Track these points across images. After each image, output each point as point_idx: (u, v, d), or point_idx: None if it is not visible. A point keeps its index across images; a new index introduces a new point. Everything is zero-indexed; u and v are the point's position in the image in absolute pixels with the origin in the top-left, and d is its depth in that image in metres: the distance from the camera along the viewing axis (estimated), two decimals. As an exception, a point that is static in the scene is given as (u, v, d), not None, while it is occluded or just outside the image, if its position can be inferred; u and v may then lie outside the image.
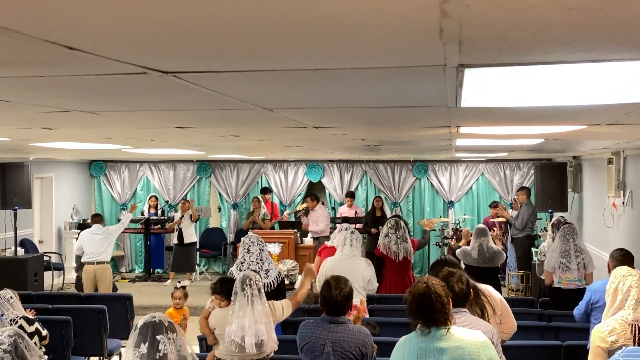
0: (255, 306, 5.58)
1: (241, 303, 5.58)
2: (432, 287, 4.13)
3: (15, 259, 12.24)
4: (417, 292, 4.16)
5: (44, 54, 2.25)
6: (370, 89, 3.30)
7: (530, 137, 7.03)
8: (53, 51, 2.17)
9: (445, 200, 16.61)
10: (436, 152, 12.00)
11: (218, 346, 5.83)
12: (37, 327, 6.58)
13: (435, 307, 4.08)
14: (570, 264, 8.22)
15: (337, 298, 5.05)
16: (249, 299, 5.56)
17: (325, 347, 4.99)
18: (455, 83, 3.01)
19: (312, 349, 5.05)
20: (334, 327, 5.05)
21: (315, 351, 5.03)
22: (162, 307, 10.90)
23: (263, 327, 5.55)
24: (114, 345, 8.66)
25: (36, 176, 14.79)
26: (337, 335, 5.01)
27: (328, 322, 5.08)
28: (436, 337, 4.10)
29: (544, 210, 13.18)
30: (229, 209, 17.24)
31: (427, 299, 4.09)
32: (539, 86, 3.18)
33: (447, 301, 4.16)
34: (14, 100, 3.61)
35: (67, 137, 6.97)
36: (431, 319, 4.11)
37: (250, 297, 5.57)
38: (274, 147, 10.03)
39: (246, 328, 5.52)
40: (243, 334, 5.52)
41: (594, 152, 10.95)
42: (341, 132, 6.50)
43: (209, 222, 17.24)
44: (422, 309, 4.11)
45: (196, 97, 3.58)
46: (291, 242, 13.10)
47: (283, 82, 3.02)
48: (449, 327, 4.12)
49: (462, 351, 4.07)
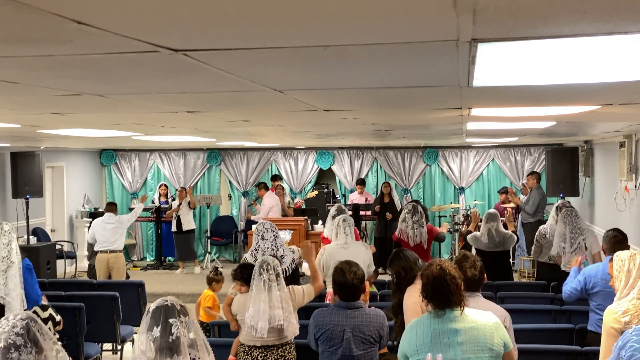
0: (273, 291, 5.57)
1: (258, 288, 5.58)
2: (447, 269, 4.14)
3: (28, 248, 12.26)
4: (432, 274, 4.16)
5: (52, 29, 2.23)
6: (382, 67, 3.27)
7: (542, 119, 6.99)
8: (61, 26, 2.15)
9: (456, 186, 16.57)
10: (447, 137, 11.95)
11: (241, 332, 5.84)
12: (51, 312, 6.60)
13: (450, 289, 4.09)
14: (566, 247, 8.18)
15: (353, 282, 5.04)
16: (265, 283, 5.55)
17: (345, 334, 4.98)
18: (467, 60, 2.98)
19: (331, 336, 5.03)
20: (351, 313, 5.03)
21: (335, 338, 5.01)
22: (173, 294, 10.94)
23: (280, 312, 5.53)
24: (126, 332, 8.69)
25: (47, 165, 14.82)
26: (356, 321, 5.00)
27: (345, 308, 5.07)
28: (450, 319, 4.10)
29: (555, 195, 13.14)
30: (239, 196, 17.25)
31: (442, 281, 4.11)
32: (552, 63, 3.14)
33: (461, 283, 4.17)
34: (23, 82, 3.60)
35: (77, 123, 6.96)
36: (446, 300, 4.11)
37: (267, 281, 5.56)
38: (284, 133, 10.00)
39: (260, 312, 5.51)
40: (258, 319, 5.52)
41: (606, 135, 10.89)
42: (352, 116, 6.46)
43: (220, 210, 17.26)
44: (438, 291, 4.12)
45: (206, 78, 3.56)
46: (302, 229, 13.11)
47: (294, 60, 3.00)
48: (462, 308, 4.12)
49: (476, 332, 4.07)
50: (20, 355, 3.53)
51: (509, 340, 4.18)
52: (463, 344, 4.04)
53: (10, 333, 3.53)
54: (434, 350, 4.08)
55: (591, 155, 13.22)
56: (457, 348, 4.05)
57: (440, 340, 4.09)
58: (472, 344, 4.05)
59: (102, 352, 8.51)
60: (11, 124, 6.81)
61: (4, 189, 13.29)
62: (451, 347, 4.06)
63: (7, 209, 13.34)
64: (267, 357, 5.65)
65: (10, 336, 3.52)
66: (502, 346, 4.10)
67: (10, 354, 3.51)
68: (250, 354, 5.69)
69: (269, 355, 5.66)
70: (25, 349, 3.54)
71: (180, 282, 14.02)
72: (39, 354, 3.61)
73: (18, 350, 3.53)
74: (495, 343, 4.07)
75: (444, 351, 4.06)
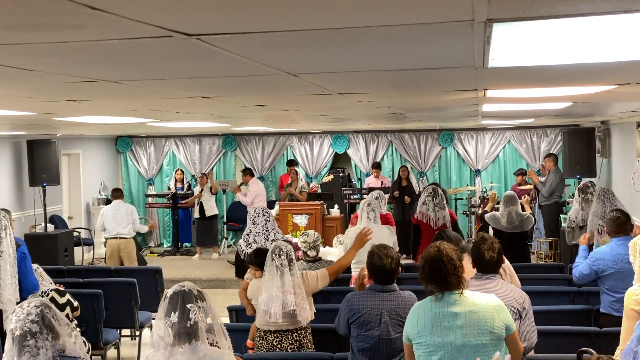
0: (285, 276, 5.58)
1: (271, 273, 5.59)
2: (444, 251, 4.11)
3: (46, 235, 12.36)
4: (429, 256, 4.16)
5: (66, 15, 2.23)
6: (396, 49, 3.25)
7: (558, 100, 6.94)
8: (75, 11, 2.15)
9: (472, 169, 16.51)
10: (462, 120, 11.90)
11: (257, 316, 5.86)
12: (69, 298, 6.63)
13: (447, 270, 4.07)
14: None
15: (391, 265, 5.03)
16: (278, 269, 5.56)
17: (382, 317, 4.98)
18: (483, 40, 2.95)
19: (367, 320, 5.03)
20: (387, 296, 5.03)
21: (372, 322, 5.01)
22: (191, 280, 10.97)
23: (292, 297, 5.54)
24: (144, 318, 8.73)
25: (64, 152, 14.88)
26: (392, 304, 5.00)
27: (380, 292, 5.06)
28: (450, 302, 4.09)
29: (572, 176, 13.07)
30: (255, 182, 17.25)
31: (439, 263, 4.08)
32: (568, 42, 3.12)
33: (460, 265, 4.14)
34: (38, 69, 3.60)
35: (92, 110, 6.97)
36: (444, 282, 4.09)
37: (279, 267, 5.57)
38: (299, 117, 9.99)
39: (273, 297, 5.53)
40: (271, 304, 5.54)
41: (623, 115, 10.80)
42: (367, 99, 6.45)
43: (236, 196, 17.27)
44: (435, 273, 4.10)
45: (220, 63, 3.55)
46: (318, 214, 13.12)
47: (308, 43, 2.99)
48: (461, 291, 4.10)
49: (476, 315, 4.05)
50: (37, 342, 3.56)
51: (511, 322, 4.15)
52: (463, 327, 4.03)
53: (25, 321, 3.56)
54: (434, 334, 4.08)
55: (608, 135, 13.14)
56: (457, 332, 4.04)
57: (441, 324, 4.08)
58: (472, 328, 4.03)
59: (120, 338, 8.55)
60: (27, 112, 6.83)
61: (21, 177, 13.36)
62: (451, 330, 4.05)
63: (25, 197, 13.41)
64: (282, 341, 5.68)
65: (26, 324, 3.55)
66: (503, 329, 4.07)
67: (26, 341, 3.54)
68: (266, 338, 5.72)
69: (283, 339, 5.68)
70: (41, 335, 3.57)
71: (198, 268, 14.07)
72: (56, 340, 3.64)
73: (34, 337, 3.56)
74: (496, 326, 4.05)
75: (444, 335, 4.06)
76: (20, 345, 3.54)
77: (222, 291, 12.10)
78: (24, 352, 3.53)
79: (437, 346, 4.06)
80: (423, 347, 4.13)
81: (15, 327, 3.54)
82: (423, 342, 4.12)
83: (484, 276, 4.76)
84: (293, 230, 12.89)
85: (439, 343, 4.06)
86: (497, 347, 4.07)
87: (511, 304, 4.58)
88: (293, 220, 13.37)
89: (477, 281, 4.73)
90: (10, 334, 3.56)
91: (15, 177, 13.28)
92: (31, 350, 3.54)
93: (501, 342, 4.08)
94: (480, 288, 4.40)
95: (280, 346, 5.67)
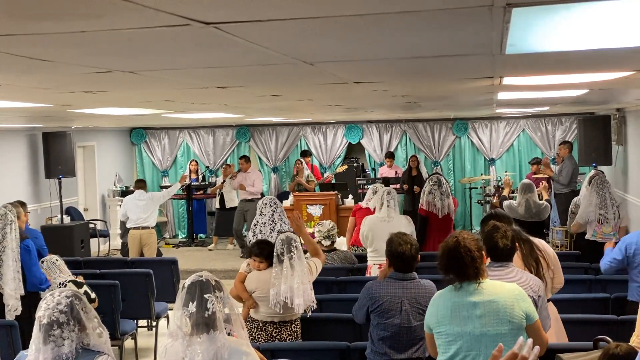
0: (301, 267, 5.61)
1: (286, 265, 5.61)
2: (462, 242, 4.10)
3: (62, 227, 12.42)
4: (447, 247, 4.15)
5: (83, 4, 2.23)
6: (413, 36, 3.24)
7: (575, 87, 6.91)
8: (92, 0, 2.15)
9: (486, 158, 16.47)
10: (476, 108, 11.86)
11: (258, 309, 5.87)
12: (86, 289, 6.67)
13: (464, 261, 4.06)
14: (608, 214, 8.13)
15: (411, 252, 5.03)
16: (295, 260, 5.58)
17: (403, 305, 4.99)
18: (501, 26, 2.93)
19: (388, 308, 5.04)
20: (407, 284, 5.04)
21: (393, 310, 5.02)
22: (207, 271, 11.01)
23: (309, 287, 5.60)
24: (161, 308, 8.77)
25: (79, 145, 14.94)
26: (412, 292, 5.01)
27: (401, 280, 5.07)
28: (468, 292, 4.09)
29: (587, 165, 13.01)
30: (269, 172, 17.29)
31: (456, 253, 4.08)
32: (588, 27, 3.09)
33: (479, 255, 4.13)
34: (55, 59, 3.61)
35: (108, 101, 6.99)
36: (462, 273, 4.09)
37: (296, 259, 5.60)
38: (314, 107, 9.98)
39: (295, 289, 5.55)
40: (291, 295, 5.55)
41: (639, 102, 10.74)
42: (382, 88, 6.43)
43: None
44: (452, 264, 4.11)
45: (237, 52, 3.54)
46: (332, 204, 13.12)
47: (326, 30, 2.97)
48: (480, 281, 4.10)
49: (495, 305, 4.04)
50: (63, 332, 3.56)
51: (532, 311, 4.14)
52: (482, 317, 4.03)
53: (54, 310, 3.56)
54: (453, 323, 4.08)
55: (624, 123, 13.05)
56: (476, 321, 4.04)
57: (459, 313, 4.08)
58: (491, 317, 4.03)
59: (137, 329, 8.59)
60: (43, 103, 6.86)
61: (37, 169, 13.42)
62: (470, 320, 4.05)
63: (41, 189, 13.48)
64: (281, 332, 5.72)
65: (54, 313, 3.55)
66: (523, 318, 4.06)
67: (52, 331, 3.55)
68: (265, 329, 5.74)
69: (282, 330, 5.72)
70: (67, 326, 3.57)
71: (213, 259, 14.11)
72: (82, 332, 3.64)
73: (61, 327, 3.56)
74: (515, 315, 4.04)
75: (463, 324, 4.06)
76: (46, 333, 3.55)
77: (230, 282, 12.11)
78: (48, 341, 3.54)
79: (456, 335, 4.07)
80: (443, 337, 4.14)
81: (43, 315, 3.55)
82: (442, 331, 4.13)
83: (499, 264, 4.74)
84: (307, 221, 12.90)
85: (457, 332, 4.07)
86: (517, 337, 4.05)
87: (527, 291, 4.57)
88: (307, 210, 13.37)
89: (491, 270, 4.72)
90: (38, 321, 3.57)
91: (31, 169, 13.34)
92: (56, 340, 3.54)
93: (521, 331, 4.07)
94: (495, 277, 4.39)
95: (279, 337, 5.71)
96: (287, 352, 5.32)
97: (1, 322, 6.37)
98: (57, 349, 3.54)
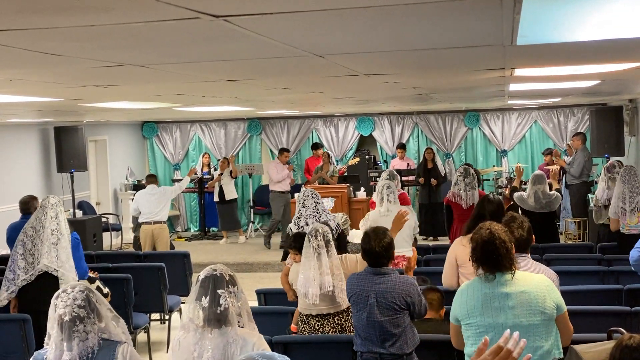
0: (322, 258, 5.56)
1: (307, 255, 5.59)
2: (496, 233, 4.09)
3: (74, 221, 12.41)
4: (481, 239, 4.12)
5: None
6: (423, 28, 3.23)
7: (587, 78, 6.88)
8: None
9: (498, 150, 16.41)
10: (488, 100, 11.82)
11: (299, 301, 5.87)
12: (99, 285, 6.69)
13: (500, 252, 4.05)
14: (626, 207, 8.09)
15: (376, 249, 4.99)
16: (315, 250, 5.56)
17: (369, 299, 4.97)
18: (512, 16, 2.92)
19: (357, 300, 5.05)
20: (377, 279, 5.01)
21: (360, 303, 5.02)
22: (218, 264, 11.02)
23: (330, 278, 5.53)
24: (173, 302, 8.78)
25: (90, 139, 14.97)
26: (380, 287, 4.97)
27: (372, 274, 5.06)
28: (501, 283, 4.07)
29: (600, 156, 12.96)
30: (281, 165, 17.26)
31: (491, 245, 4.06)
32: (597, 18, 3.07)
33: (511, 246, 4.12)
34: (66, 54, 3.61)
35: (119, 95, 7.00)
36: (496, 264, 4.07)
37: (316, 248, 5.56)
38: (324, 100, 9.97)
39: (310, 279, 5.52)
40: (308, 285, 5.54)
41: (652, 93, 10.69)
42: (393, 80, 6.41)
43: (262, 180, 17.30)
44: (487, 256, 4.08)
45: (247, 45, 3.54)
46: (344, 196, 13.09)
47: (336, 23, 2.97)
48: (513, 272, 4.09)
49: (527, 296, 4.03)
50: (85, 326, 3.60)
51: (561, 302, 4.13)
52: (514, 308, 4.02)
53: (73, 306, 3.58)
54: (484, 314, 4.07)
55: (636, 114, 13.00)
56: (508, 312, 4.02)
57: (491, 304, 4.06)
58: (524, 308, 4.02)
59: (150, 322, 8.61)
60: (55, 98, 6.88)
61: (49, 163, 13.46)
62: (502, 311, 4.04)
63: (53, 184, 13.52)
64: (324, 325, 5.67)
65: (74, 309, 3.58)
66: (554, 309, 4.06)
67: (76, 326, 3.58)
68: (308, 322, 5.73)
69: (325, 323, 5.68)
70: (88, 320, 3.61)
71: (225, 252, 14.13)
72: (101, 322, 3.68)
73: (83, 322, 3.59)
74: (547, 306, 4.03)
75: (495, 315, 4.04)
76: (70, 330, 3.57)
77: (250, 275, 12.15)
78: (74, 337, 3.57)
79: (488, 327, 4.05)
80: (473, 328, 4.12)
81: (64, 312, 3.57)
82: (473, 322, 4.11)
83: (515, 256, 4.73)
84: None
85: (489, 324, 4.05)
86: (549, 328, 4.06)
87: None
88: (319, 203, 13.35)
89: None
90: (59, 319, 3.58)
91: (43, 163, 13.39)
92: (80, 335, 3.58)
93: (552, 322, 4.07)
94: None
95: (322, 330, 5.68)
96: (300, 345, 5.33)
97: (14, 317, 6.39)
98: (82, 343, 3.58)
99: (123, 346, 3.71)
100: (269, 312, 6.41)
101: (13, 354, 6.09)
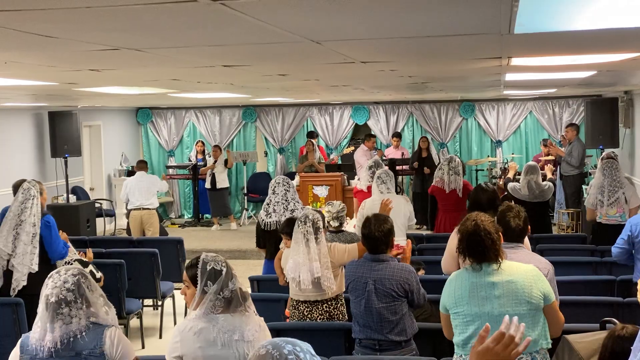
0: (311, 244, 5.57)
1: (296, 240, 5.60)
2: (481, 225, 4.09)
3: (68, 206, 12.42)
4: (466, 230, 4.13)
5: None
6: (421, 15, 3.21)
7: (583, 68, 6.87)
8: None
9: (493, 140, 16.42)
10: (484, 90, 11.81)
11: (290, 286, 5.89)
12: (92, 269, 6.69)
13: (485, 244, 4.06)
14: (604, 199, 8.11)
15: (376, 234, 5.01)
16: (304, 236, 5.56)
17: (367, 286, 4.98)
18: (509, 4, 2.90)
19: (355, 287, 5.07)
20: (375, 265, 5.03)
21: (359, 289, 5.04)
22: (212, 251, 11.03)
23: (317, 264, 5.53)
24: (166, 288, 8.79)
25: (85, 124, 14.93)
26: (379, 274, 4.99)
27: (370, 261, 5.07)
28: (487, 272, 4.09)
29: (594, 147, 12.97)
30: (275, 153, 17.27)
31: (476, 237, 4.07)
32: (596, 7, 3.06)
33: (498, 237, 4.13)
34: (60, 36, 3.59)
35: (114, 80, 6.97)
36: (482, 256, 4.09)
37: (305, 234, 5.57)
38: (320, 88, 9.95)
39: (300, 265, 5.53)
40: (298, 271, 5.55)
41: (647, 85, 10.69)
42: (389, 68, 6.40)
43: (256, 167, 17.29)
44: (473, 247, 4.10)
45: (243, 30, 3.52)
46: (338, 185, 13.10)
47: (333, 7, 2.95)
48: (500, 262, 4.10)
49: (514, 285, 4.04)
50: (71, 310, 3.60)
51: (550, 292, 4.14)
52: (500, 297, 4.03)
53: (61, 288, 3.59)
54: (471, 304, 4.08)
55: (631, 105, 12.99)
56: (495, 301, 4.04)
57: (478, 294, 4.08)
58: (510, 297, 4.03)
59: (143, 308, 8.62)
60: (49, 81, 6.84)
61: (43, 148, 13.43)
62: (488, 300, 4.05)
63: (47, 169, 13.49)
64: (312, 312, 5.69)
65: (62, 292, 3.58)
66: (541, 299, 4.06)
67: (61, 309, 3.58)
68: (298, 308, 5.75)
69: (314, 310, 5.69)
70: (75, 304, 3.61)
71: (218, 239, 14.14)
72: (89, 308, 3.68)
73: (69, 305, 3.59)
74: (533, 295, 4.04)
75: (481, 304, 4.06)
76: (54, 312, 3.58)
77: (243, 262, 12.16)
78: (57, 319, 3.57)
79: (474, 316, 4.07)
80: (460, 317, 4.14)
81: (50, 293, 3.58)
82: (460, 311, 4.13)
83: (510, 245, 4.72)
84: (313, 201, 12.89)
85: (476, 313, 4.07)
86: (536, 317, 4.07)
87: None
88: (313, 191, 13.36)
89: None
90: (45, 299, 3.59)
91: (37, 148, 13.35)
92: (64, 318, 3.58)
93: (539, 312, 4.07)
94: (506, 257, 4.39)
95: (311, 316, 5.69)
96: (292, 332, 5.33)
97: (6, 300, 6.39)
98: (65, 326, 3.58)
99: (111, 329, 3.72)
100: (262, 299, 6.41)
101: (6, 338, 6.08)
